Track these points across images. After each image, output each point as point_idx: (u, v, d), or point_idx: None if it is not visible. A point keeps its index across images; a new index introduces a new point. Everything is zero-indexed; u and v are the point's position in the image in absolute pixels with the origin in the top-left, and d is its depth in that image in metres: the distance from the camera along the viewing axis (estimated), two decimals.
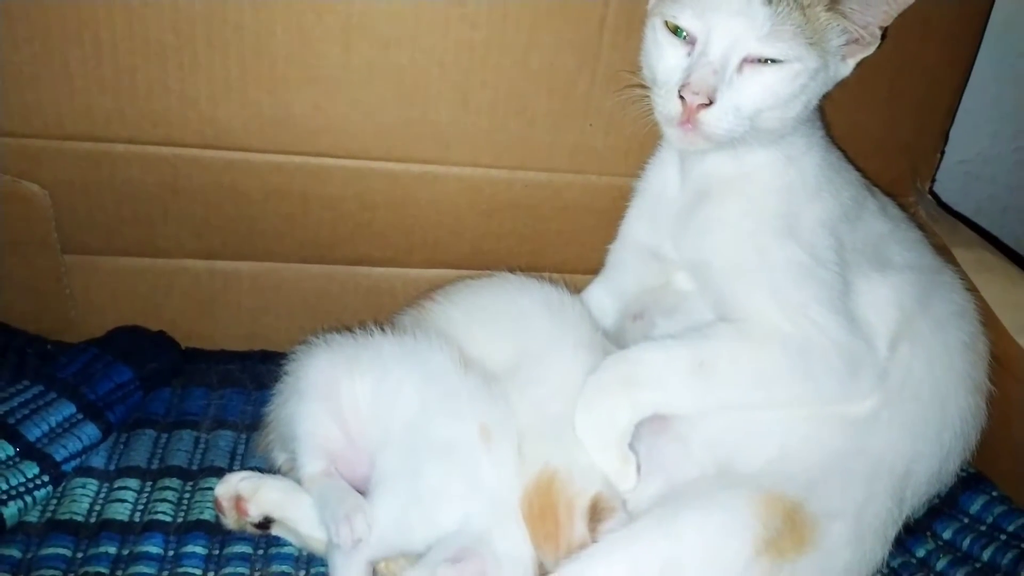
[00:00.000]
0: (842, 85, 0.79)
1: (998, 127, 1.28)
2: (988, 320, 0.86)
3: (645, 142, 0.88)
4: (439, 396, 0.77)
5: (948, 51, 0.98)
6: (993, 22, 1.10)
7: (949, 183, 1.28)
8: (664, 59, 0.75)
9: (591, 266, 0.96)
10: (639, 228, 0.89)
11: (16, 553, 0.75)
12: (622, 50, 0.88)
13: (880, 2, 0.73)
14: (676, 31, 0.74)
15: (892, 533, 0.75)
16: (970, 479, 0.88)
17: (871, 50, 0.77)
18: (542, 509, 0.73)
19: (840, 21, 0.74)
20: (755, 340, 0.75)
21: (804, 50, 0.72)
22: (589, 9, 0.87)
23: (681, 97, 0.72)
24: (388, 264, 1.02)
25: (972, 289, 0.87)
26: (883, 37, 0.77)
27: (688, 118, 0.72)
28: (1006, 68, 1.21)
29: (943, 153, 1.06)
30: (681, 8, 0.73)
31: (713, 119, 0.72)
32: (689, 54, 0.73)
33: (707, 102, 0.71)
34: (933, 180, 1.08)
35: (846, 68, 0.77)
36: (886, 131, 1.00)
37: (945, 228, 0.99)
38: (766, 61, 0.72)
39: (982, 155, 1.30)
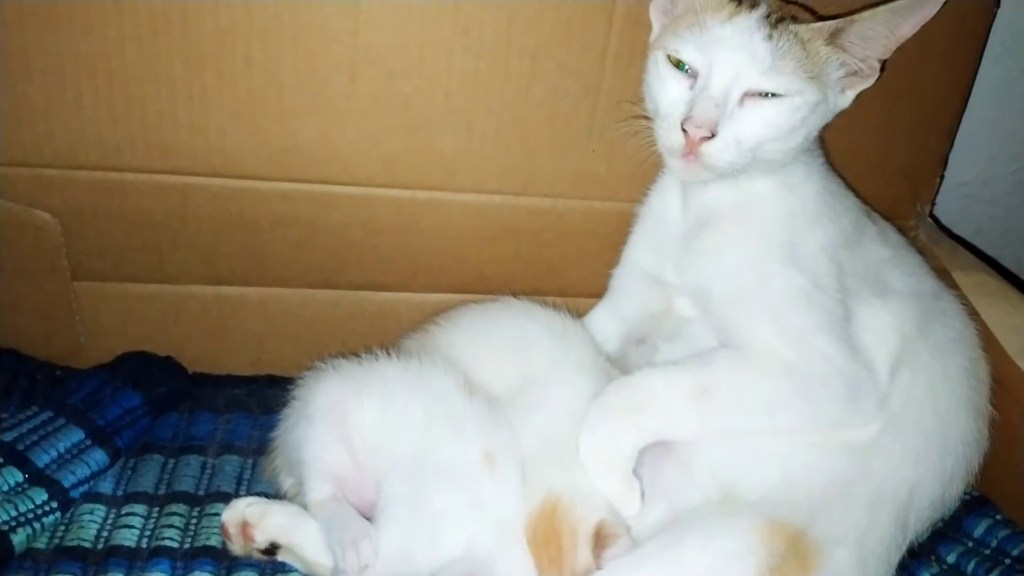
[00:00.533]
0: (843, 111, 0.79)
1: (997, 149, 1.29)
2: (989, 344, 0.86)
3: (648, 168, 0.89)
4: (443, 421, 0.78)
5: (946, 75, 0.99)
6: (992, 44, 1.10)
7: (949, 205, 1.28)
8: (667, 91, 0.76)
9: (594, 291, 0.96)
10: (642, 254, 0.90)
11: None
12: (624, 78, 0.89)
13: (879, 36, 0.75)
14: (679, 64, 0.75)
15: (896, 558, 0.75)
16: (974, 502, 0.88)
17: (870, 82, 0.78)
18: (546, 535, 0.73)
19: (840, 55, 0.75)
20: (757, 367, 0.76)
21: (804, 84, 0.73)
22: (591, 38, 0.88)
23: (684, 130, 0.73)
24: (393, 289, 1.02)
25: (973, 313, 0.87)
26: (882, 69, 0.78)
27: (691, 150, 0.73)
28: (1005, 90, 1.22)
29: (943, 177, 1.07)
30: (683, 42, 0.75)
31: (715, 151, 0.73)
32: (691, 87, 0.75)
33: (709, 135, 0.72)
34: (933, 203, 1.09)
35: (845, 100, 0.79)
36: (886, 155, 1.01)
37: (945, 251, 0.99)
38: (767, 95, 0.73)
39: (981, 177, 1.31)
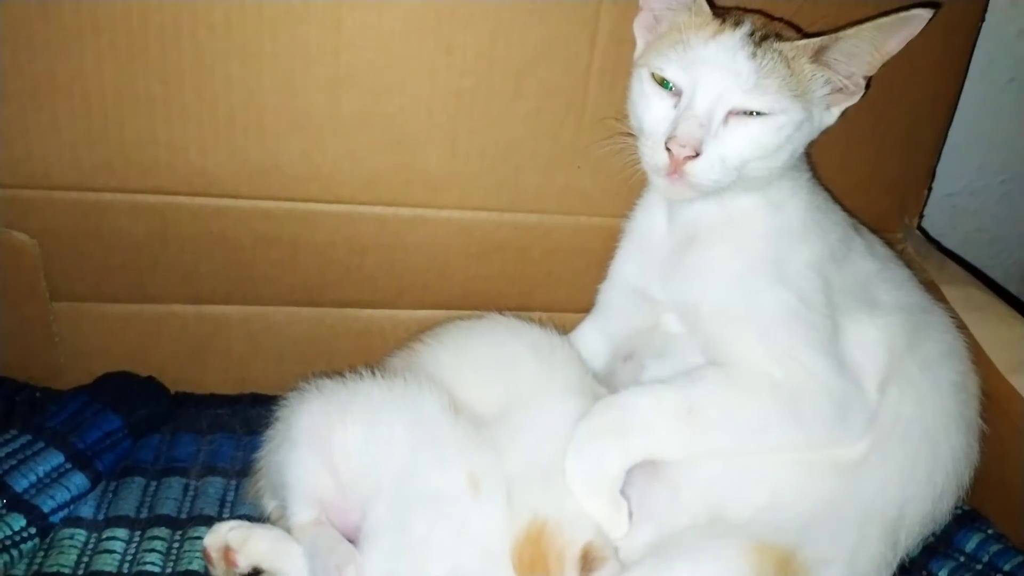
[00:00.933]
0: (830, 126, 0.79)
1: (984, 160, 1.30)
2: (978, 358, 0.85)
3: (634, 184, 0.88)
4: (427, 444, 0.77)
5: (933, 89, 0.99)
6: (978, 56, 1.11)
7: (937, 215, 1.29)
8: (651, 110, 0.76)
9: (581, 306, 0.96)
10: (628, 270, 0.90)
11: None
12: (608, 95, 0.89)
13: (864, 53, 0.74)
14: (663, 83, 0.75)
15: None
16: (965, 516, 0.88)
17: (856, 99, 0.78)
18: (532, 559, 0.72)
19: (824, 72, 0.75)
20: (744, 386, 0.76)
21: (789, 102, 0.73)
22: (575, 56, 0.88)
23: (668, 149, 0.72)
24: (378, 306, 1.02)
25: (961, 327, 0.87)
26: (867, 86, 0.77)
27: (675, 169, 0.73)
28: (991, 101, 1.23)
29: (930, 189, 1.07)
30: (667, 60, 0.75)
31: (699, 170, 0.73)
32: (675, 106, 0.75)
33: (693, 154, 0.72)
34: (921, 216, 1.09)
35: (831, 117, 0.79)
36: (873, 168, 1.01)
37: (933, 265, 0.99)
38: (752, 113, 0.73)
39: (969, 187, 1.32)
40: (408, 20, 0.84)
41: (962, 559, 0.85)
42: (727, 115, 0.73)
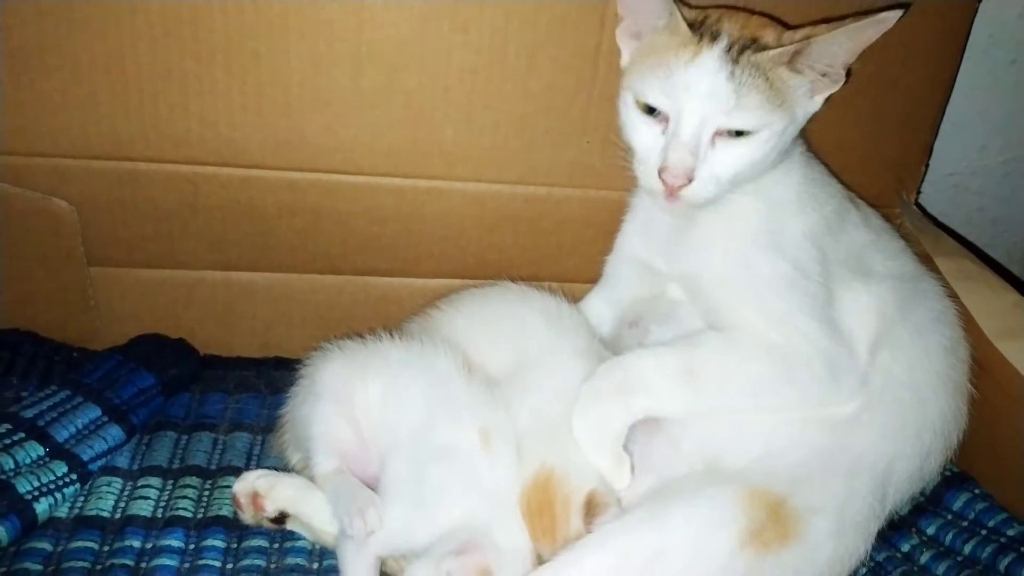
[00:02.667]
0: (829, 104, 0.81)
1: (986, 140, 1.31)
2: (969, 326, 0.88)
3: None
4: (442, 401, 0.81)
5: (931, 68, 1.01)
6: (979, 37, 1.13)
7: (938, 195, 1.31)
8: (639, 137, 0.78)
9: (589, 276, 0.99)
10: (634, 243, 0.92)
11: (48, 546, 0.79)
12: (616, 74, 0.89)
13: (840, 52, 0.76)
14: (647, 107, 0.77)
15: (875, 528, 0.78)
16: (954, 478, 0.91)
17: (838, 86, 0.79)
18: (539, 505, 0.76)
19: (802, 75, 0.77)
20: (742, 348, 0.79)
21: (771, 115, 0.75)
22: (585, 36, 0.91)
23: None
24: (396, 275, 1.05)
25: (953, 296, 0.89)
26: (849, 73, 0.79)
27: (671, 194, 0.76)
28: (992, 81, 1.24)
29: (927, 166, 1.09)
30: (650, 87, 0.76)
31: (694, 193, 0.76)
32: (663, 132, 0.76)
33: (687, 182, 0.75)
34: (918, 192, 1.11)
35: (815, 105, 0.80)
36: (871, 147, 1.03)
37: (928, 238, 1.01)
38: (736, 132, 0.75)
39: (971, 168, 1.33)
40: (426, 0, 0.87)
41: (949, 517, 0.88)
42: (713, 136, 0.75)
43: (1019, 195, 1.37)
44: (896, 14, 0.74)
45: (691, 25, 0.77)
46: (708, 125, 0.75)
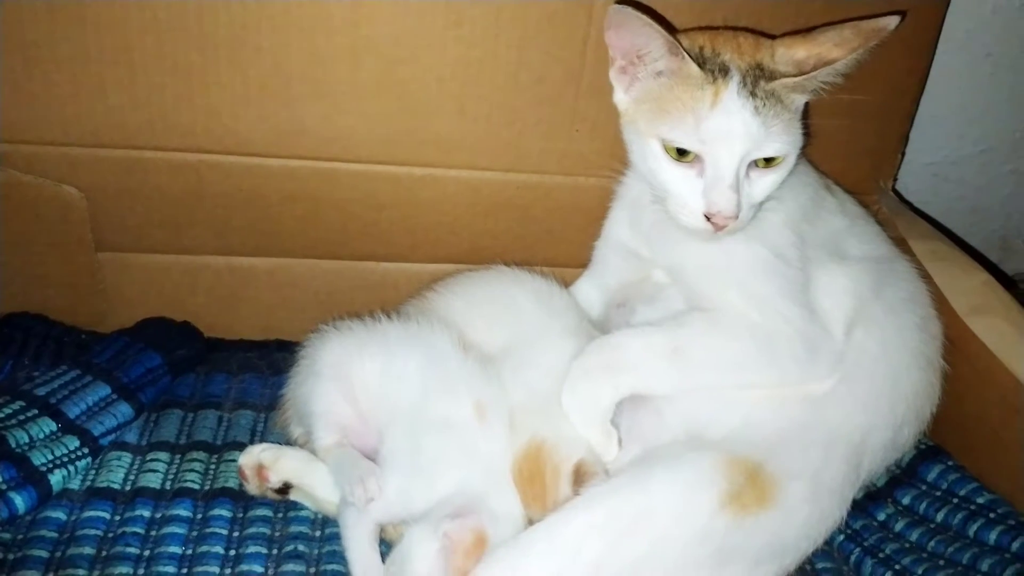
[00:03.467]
0: None
1: (964, 130, 1.33)
2: (941, 305, 0.91)
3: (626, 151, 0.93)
4: (438, 376, 0.84)
5: (906, 60, 1.03)
6: (955, 31, 1.16)
7: (918, 185, 1.34)
8: (675, 183, 0.79)
9: (579, 262, 1.01)
10: (620, 230, 0.95)
11: (62, 515, 0.83)
12: (604, 66, 0.90)
13: (843, 67, 0.79)
14: (677, 151, 0.78)
15: (850, 494, 0.81)
16: (928, 451, 0.93)
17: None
18: (531, 474, 0.79)
19: (808, 93, 0.81)
20: (725, 328, 0.81)
21: (793, 135, 0.79)
22: (573, 29, 0.93)
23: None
24: (393, 260, 1.07)
25: (925, 276, 0.92)
26: None
27: (717, 230, 0.78)
28: (969, 74, 1.27)
29: (903, 154, 1.12)
30: (681, 135, 0.77)
31: (738, 224, 0.78)
32: (698, 174, 0.78)
33: (735, 218, 0.77)
34: (895, 179, 1.14)
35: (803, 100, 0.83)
36: (849, 136, 1.04)
37: (904, 222, 1.05)
38: (767, 159, 0.78)
39: (949, 157, 1.36)
40: None
41: (924, 488, 0.91)
42: (748, 169, 0.78)
43: (997, 184, 1.41)
44: (894, 19, 0.77)
45: (696, 62, 0.77)
46: (744, 161, 0.77)
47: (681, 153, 0.78)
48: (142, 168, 0.95)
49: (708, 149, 0.77)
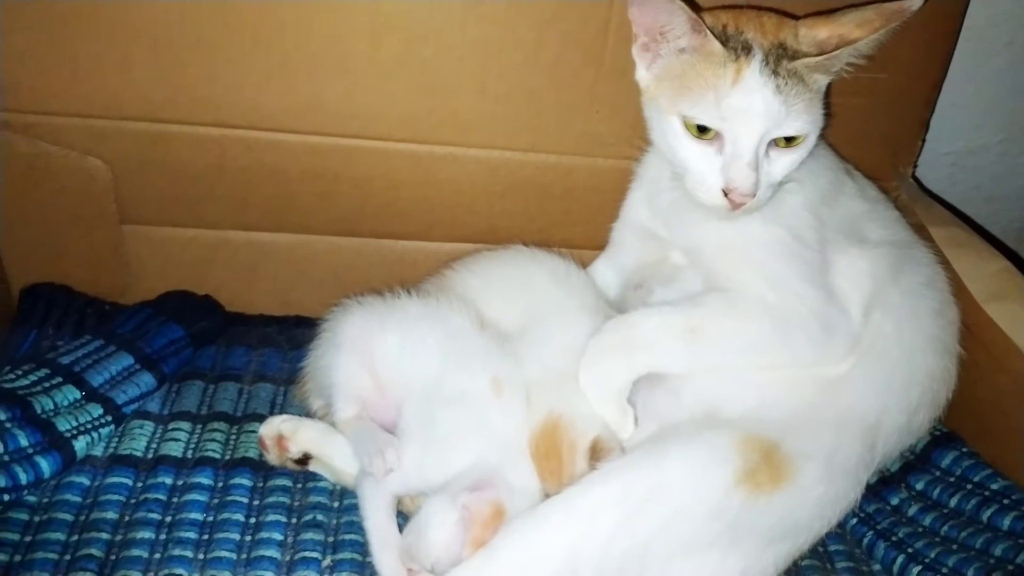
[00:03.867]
0: None
1: (982, 119, 1.32)
2: (959, 291, 0.91)
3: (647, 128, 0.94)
4: (456, 352, 0.84)
5: (927, 45, 1.03)
6: (976, 18, 1.15)
7: (935, 174, 1.32)
8: (695, 160, 0.80)
9: (597, 243, 1.02)
10: (638, 212, 0.95)
11: (86, 480, 0.84)
12: (625, 48, 0.89)
13: (871, 47, 0.79)
14: (697, 129, 0.78)
15: (864, 476, 0.81)
16: (943, 438, 0.93)
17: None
18: (547, 449, 0.80)
19: (831, 74, 0.80)
20: (742, 309, 0.82)
21: (814, 115, 0.79)
22: (594, 10, 0.93)
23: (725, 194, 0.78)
24: (411, 238, 1.08)
25: (944, 262, 0.92)
26: None
27: (734, 208, 0.78)
28: (988, 62, 1.25)
29: (924, 141, 1.12)
30: (702, 111, 0.77)
31: (755, 203, 0.79)
32: (718, 151, 0.78)
33: (753, 197, 0.78)
34: (915, 166, 1.13)
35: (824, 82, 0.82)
36: (869, 122, 1.05)
37: (922, 208, 1.04)
38: (787, 138, 0.78)
39: (967, 147, 1.35)
40: None
41: (937, 473, 0.91)
42: (768, 148, 0.78)
43: (1014, 174, 1.39)
44: (916, 1, 0.77)
45: (719, 40, 0.77)
46: (764, 140, 0.77)
47: (701, 130, 0.78)
48: (165, 141, 0.96)
49: (728, 126, 0.77)
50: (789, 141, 0.79)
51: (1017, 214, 1.45)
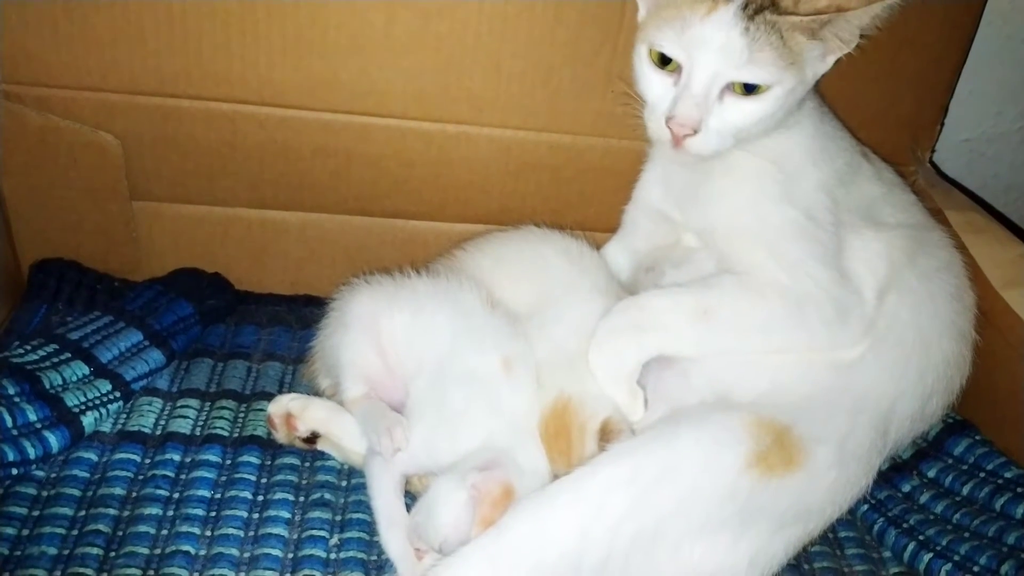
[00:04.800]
0: (844, 60, 0.81)
1: (1002, 107, 1.31)
2: (976, 277, 0.90)
3: None
4: (466, 331, 0.84)
5: (948, 27, 1.02)
6: (997, 4, 1.14)
7: (954, 161, 1.32)
8: (651, 87, 0.79)
9: (609, 225, 1.01)
10: (651, 193, 0.94)
11: (94, 456, 0.84)
12: None
13: (866, 24, 0.76)
14: (661, 58, 0.78)
15: (876, 462, 0.80)
16: (956, 425, 0.93)
17: (850, 48, 0.79)
18: (557, 430, 0.80)
19: (822, 42, 0.77)
20: (755, 290, 0.81)
21: (782, 73, 0.76)
22: None
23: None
24: (423, 218, 1.08)
25: (960, 247, 0.91)
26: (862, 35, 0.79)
27: (677, 143, 0.77)
28: (1010, 48, 1.24)
29: (943, 125, 1.10)
30: (665, 38, 0.77)
31: (699, 144, 0.77)
32: (675, 83, 0.77)
33: (692, 132, 0.76)
34: (933, 151, 1.12)
35: (825, 66, 0.80)
36: (887, 105, 1.05)
37: (940, 192, 1.03)
38: (746, 87, 0.76)
39: (986, 134, 1.34)
40: None
41: (950, 461, 0.90)
42: (723, 90, 0.76)
43: None
44: None
45: None
46: (719, 79, 0.75)
47: (665, 61, 0.78)
48: (177, 116, 0.96)
49: (686, 57, 0.76)
50: (750, 91, 0.77)
51: None
